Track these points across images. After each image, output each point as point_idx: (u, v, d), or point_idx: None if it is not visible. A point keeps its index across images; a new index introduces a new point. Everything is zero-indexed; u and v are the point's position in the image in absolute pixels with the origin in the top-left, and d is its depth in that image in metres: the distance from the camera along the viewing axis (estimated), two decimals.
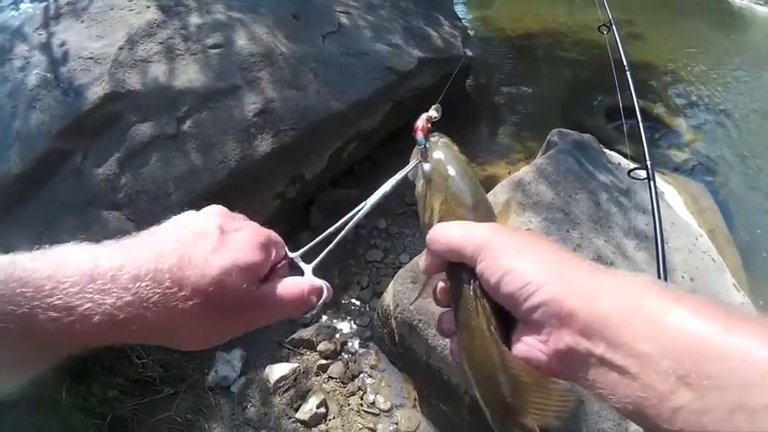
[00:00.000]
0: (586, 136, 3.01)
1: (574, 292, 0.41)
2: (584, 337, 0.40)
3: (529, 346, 0.44)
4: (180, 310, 0.43)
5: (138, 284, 0.42)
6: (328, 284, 0.54)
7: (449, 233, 0.51)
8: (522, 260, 0.45)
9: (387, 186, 0.61)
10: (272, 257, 0.52)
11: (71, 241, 0.45)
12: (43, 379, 2.50)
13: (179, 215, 0.51)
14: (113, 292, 0.41)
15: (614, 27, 2.27)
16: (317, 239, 0.59)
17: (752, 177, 4.16)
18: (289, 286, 0.50)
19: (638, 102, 1.94)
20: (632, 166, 3.04)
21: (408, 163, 0.63)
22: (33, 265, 0.40)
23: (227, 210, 0.54)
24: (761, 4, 7.49)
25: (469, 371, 0.51)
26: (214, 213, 0.52)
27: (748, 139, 4.64)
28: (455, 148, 0.62)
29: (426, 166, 0.59)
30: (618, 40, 2.20)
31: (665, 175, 3.83)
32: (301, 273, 0.56)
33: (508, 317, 0.47)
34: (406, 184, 0.63)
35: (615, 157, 3.10)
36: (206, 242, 0.47)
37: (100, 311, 0.40)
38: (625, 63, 2.10)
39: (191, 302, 0.44)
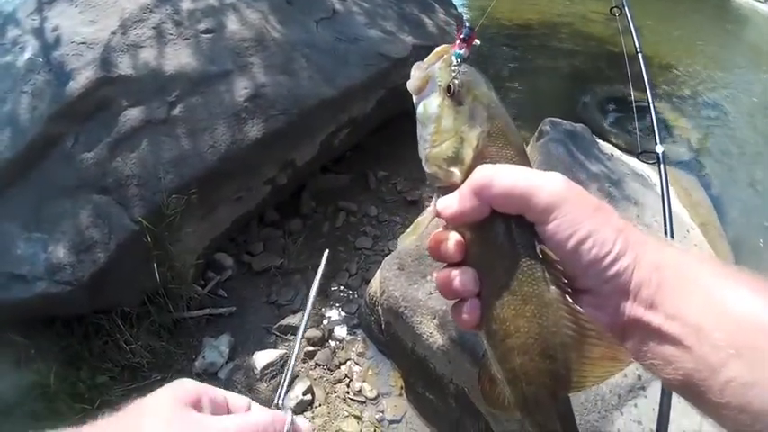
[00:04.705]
0: (579, 126, 2.99)
1: (642, 264, 0.41)
2: (647, 308, 0.40)
3: (593, 318, 0.43)
4: None
5: None
6: None
7: (514, 176, 0.43)
8: (601, 224, 0.41)
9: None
10: None
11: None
12: (32, 364, 2.52)
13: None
14: None
15: (626, 9, 2.11)
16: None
17: (745, 171, 4.14)
18: None
19: (649, 87, 1.85)
20: (624, 156, 3.05)
21: None
22: None
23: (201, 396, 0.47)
24: (761, 2, 7.44)
25: (501, 345, 0.46)
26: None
27: (741, 134, 4.62)
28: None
29: (457, 82, 0.48)
30: (630, 22, 2.06)
31: (655, 166, 3.80)
32: None
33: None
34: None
35: (608, 147, 3.09)
36: None
37: None
38: (637, 46, 1.99)
39: None
